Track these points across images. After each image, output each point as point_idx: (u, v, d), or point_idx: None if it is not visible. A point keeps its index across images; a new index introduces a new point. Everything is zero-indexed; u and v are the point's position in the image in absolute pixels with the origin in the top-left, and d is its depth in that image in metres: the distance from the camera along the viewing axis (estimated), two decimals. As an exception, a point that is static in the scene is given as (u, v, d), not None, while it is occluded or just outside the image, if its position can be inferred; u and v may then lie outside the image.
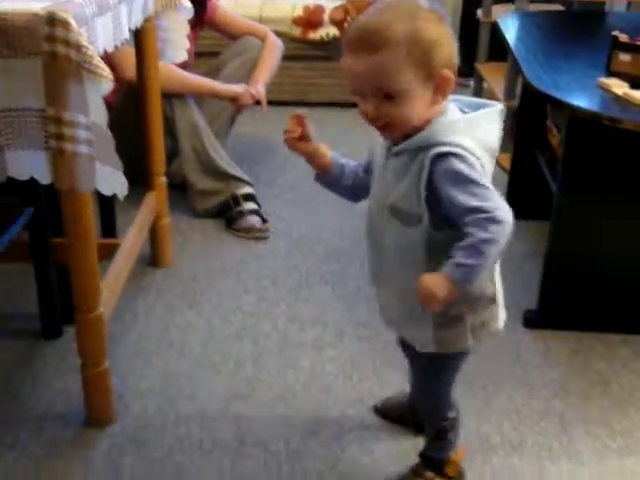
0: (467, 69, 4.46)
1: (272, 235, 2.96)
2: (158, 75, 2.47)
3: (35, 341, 2.29)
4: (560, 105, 2.25)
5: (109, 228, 2.64)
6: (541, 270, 2.46)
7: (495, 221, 1.37)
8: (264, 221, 2.97)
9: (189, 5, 2.48)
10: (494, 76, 3.87)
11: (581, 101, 2.19)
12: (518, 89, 3.38)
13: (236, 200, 2.99)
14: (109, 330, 2.01)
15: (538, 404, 2.13)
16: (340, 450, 1.93)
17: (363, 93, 1.42)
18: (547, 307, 2.46)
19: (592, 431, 2.04)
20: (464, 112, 1.49)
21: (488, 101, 1.52)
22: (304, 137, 1.59)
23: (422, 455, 1.83)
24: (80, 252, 1.78)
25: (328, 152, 1.64)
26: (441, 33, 1.40)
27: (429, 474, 1.80)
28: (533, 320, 2.45)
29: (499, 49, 3.69)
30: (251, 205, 2.99)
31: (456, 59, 1.43)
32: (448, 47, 1.41)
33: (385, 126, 1.44)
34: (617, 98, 2.20)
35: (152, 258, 2.71)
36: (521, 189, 3.05)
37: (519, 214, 2.95)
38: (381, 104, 1.40)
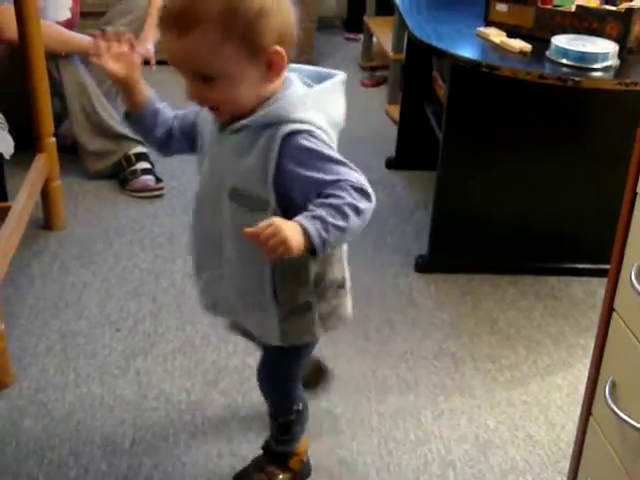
0: (356, 24, 4.51)
1: (167, 194, 2.94)
2: (40, 34, 2.42)
3: None
4: (442, 55, 2.32)
5: (-1, 192, 2.60)
6: (430, 217, 2.54)
7: (364, 192, 1.24)
8: (158, 180, 2.96)
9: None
10: (383, 30, 3.92)
11: (462, 50, 2.27)
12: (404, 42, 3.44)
13: (129, 160, 2.96)
14: (5, 294, 1.99)
15: (431, 345, 2.22)
16: (241, 398, 1.97)
17: (183, 74, 1.27)
18: (437, 252, 2.54)
19: (482, 367, 2.14)
20: (307, 84, 1.36)
21: (330, 70, 1.40)
22: (131, 64, 1.39)
23: (265, 448, 1.73)
24: (-32, 214, 1.76)
25: (147, 91, 1.45)
26: (267, 0, 1.22)
27: (271, 468, 1.71)
28: (424, 265, 2.53)
29: (387, 3, 3.75)
30: (144, 164, 2.97)
31: (292, 27, 1.27)
32: (278, 16, 1.24)
33: (212, 108, 1.31)
34: (495, 47, 2.28)
35: (45, 221, 2.67)
36: (410, 140, 3.12)
37: (409, 165, 3.11)
38: (202, 87, 1.26)
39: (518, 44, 2.23)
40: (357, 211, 1.21)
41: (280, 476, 1.71)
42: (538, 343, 2.25)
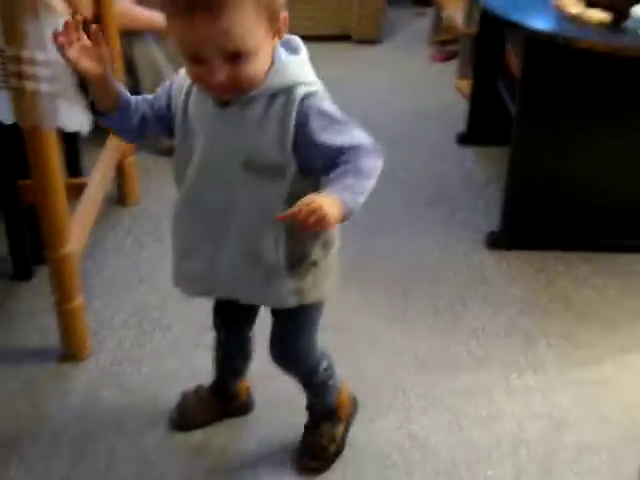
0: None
1: (238, 170, 2.96)
2: (113, 12, 2.45)
3: (8, 283, 2.31)
4: (517, 28, 2.28)
5: (75, 168, 2.64)
6: (502, 193, 2.51)
7: (377, 152, 1.28)
8: (229, 156, 2.98)
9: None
10: (453, 3, 3.87)
11: (537, 22, 2.23)
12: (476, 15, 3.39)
13: (199, 136, 2.98)
14: (81, 268, 2.03)
15: (503, 322, 2.20)
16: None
17: (200, 57, 1.21)
18: (509, 228, 2.51)
19: (555, 344, 2.12)
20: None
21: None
22: (101, 60, 1.29)
23: (310, 408, 1.77)
24: (47, 190, 1.79)
25: (117, 85, 1.36)
26: None
27: (325, 425, 1.75)
28: (496, 241, 2.51)
29: (457, -24, 3.69)
30: (215, 141, 2.98)
31: None
32: None
33: (231, 88, 1.25)
34: (573, 18, 2.23)
35: (119, 197, 2.72)
36: (482, 115, 3.08)
37: (480, 140, 3.07)
38: (226, 66, 1.21)
39: (597, 15, 2.17)
40: (376, 172, 1.27)
41: (337, 427, 1.76)
42: (613, 321, 2.21)
